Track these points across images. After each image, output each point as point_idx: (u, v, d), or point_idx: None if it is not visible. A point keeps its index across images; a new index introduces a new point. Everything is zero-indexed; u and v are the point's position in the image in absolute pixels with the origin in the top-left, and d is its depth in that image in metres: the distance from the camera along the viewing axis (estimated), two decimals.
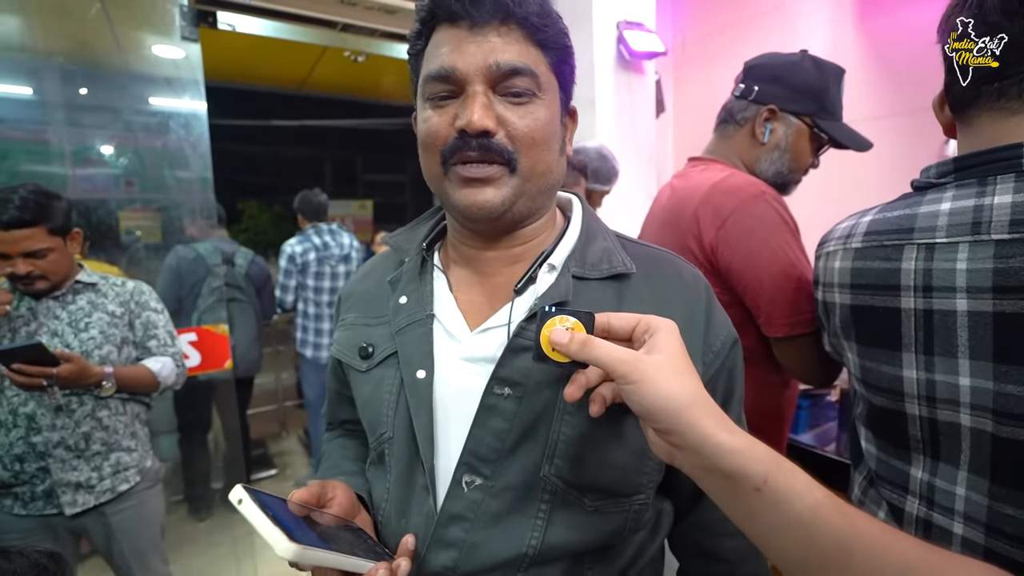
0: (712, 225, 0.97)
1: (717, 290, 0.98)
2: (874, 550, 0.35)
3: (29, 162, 1.98)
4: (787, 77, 1.04)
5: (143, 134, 1.94)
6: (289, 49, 2.21)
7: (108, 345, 1.36)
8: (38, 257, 1.25)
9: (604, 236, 0.61)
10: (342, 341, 0.65)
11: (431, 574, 0.53)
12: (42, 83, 1.93)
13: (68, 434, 1.29)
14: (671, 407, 0.39)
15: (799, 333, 0.93)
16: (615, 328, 0.45)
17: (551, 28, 0.53)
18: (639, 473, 0.55)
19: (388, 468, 0.58)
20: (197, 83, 1.89)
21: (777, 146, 1.06)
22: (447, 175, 0.53)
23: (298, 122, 5.40)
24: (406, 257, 0.63)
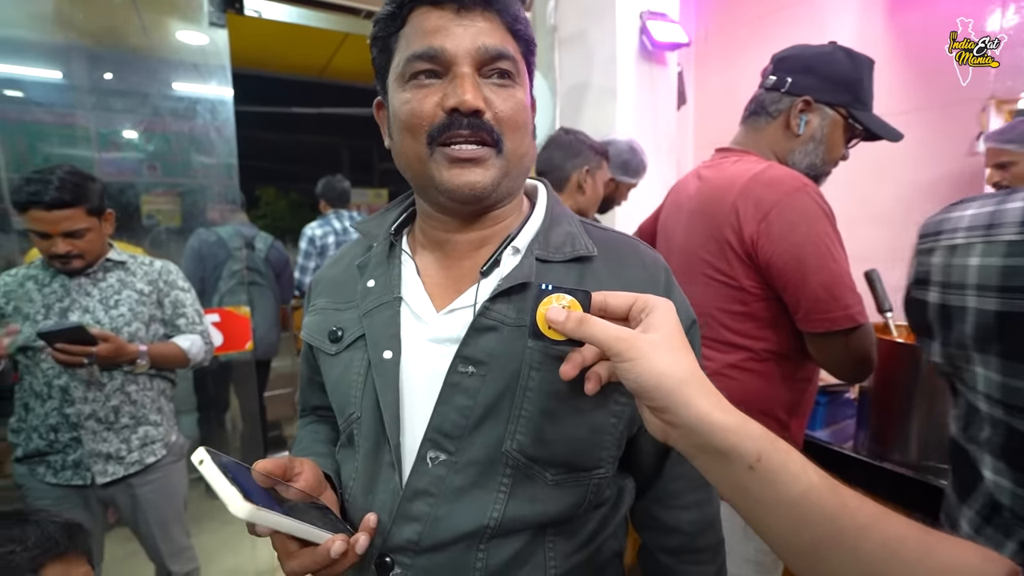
0: (753, 218, 0.96)
1: (751, 284, 0.99)
2: (866, 530, 0.35)
3: (57, 145, 2.03)
4: (821, 68, 1.04)
5: (171, 119, 1.97)
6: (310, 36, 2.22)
7: (137, 322, 1.40)
8: (76, 237, 1.29)
9: (568, 221, 0.62)
10: (312, 326, 0.66)
11: (396, 548, 0.54)
12: (71, 68, 1.97)
13: (99, 407, 1.34)
14: (665, 385, 0.39)
15: (840, 329, 0.92)
16: (611, 307, 0.45)
17: (523, 20, 0.56)
18: (599, 448, 0.56)
19: (356, 447, 0.59)
20: (224, 69, 1.91)
21: (812, 137, 1.06)
22: (432, 157, 0.53)
23: (316, 109, 5.43)
24: (374, 242, 0.64)
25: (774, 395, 1.05)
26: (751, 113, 1.12)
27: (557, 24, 2.23)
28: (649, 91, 2.11)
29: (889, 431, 1.21)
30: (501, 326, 0.55)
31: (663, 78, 2.16)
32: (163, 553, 1.54)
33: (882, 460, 1.20)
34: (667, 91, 2.19)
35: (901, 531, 0.35)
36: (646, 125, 2.11)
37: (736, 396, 1.07)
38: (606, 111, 2.06)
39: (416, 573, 0.54)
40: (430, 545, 0.54)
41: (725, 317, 1.04)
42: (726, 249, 1.00)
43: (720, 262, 1.02)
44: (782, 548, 0.38)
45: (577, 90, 2.18)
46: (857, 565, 0.35)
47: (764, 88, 1.09)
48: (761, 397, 1.05)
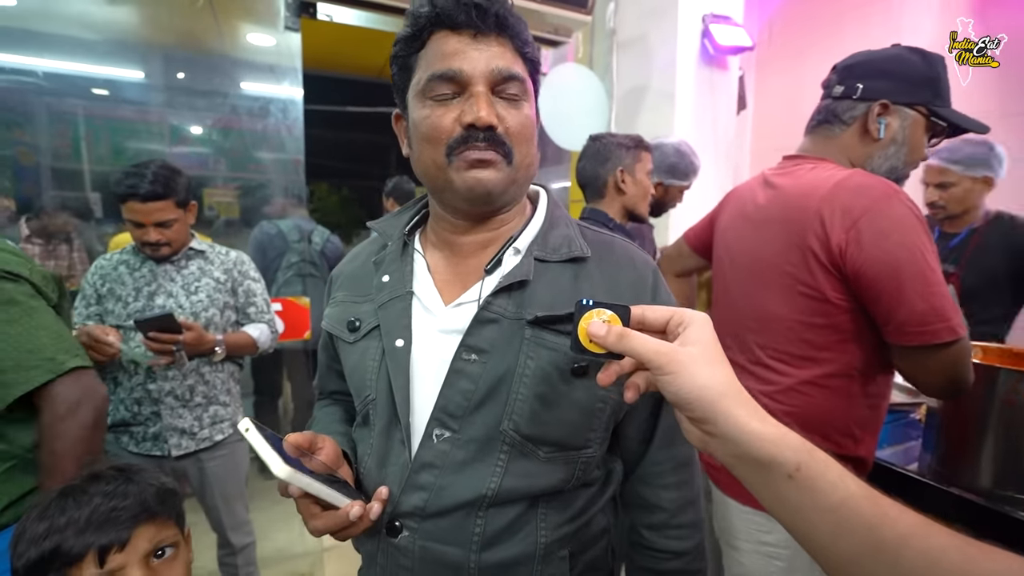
0: (841, 226, 0.92)
1: (837, 295, 0.95)
2: (906, 539, 0.35)
3: (140, 140, 2.18)
4: (894, 71, 1.00)
5: (245, 117, 2.09)
6: (372, 38, 2.30)
7: (213, 308, 1.50)
8: (166, 227, 1.40)
9: (566, 224, 0.68)
10: (332, 316, 0.73)
11: (404, 513, 0.61)
12: (152, 68, 2.11)
13: (177, 384, 1.45)
14: (705, 396, 0.41)
15: (939, 343, 0.87)
16: (649, 320, 0.47)
17: (530, 44, 0.63)
18: (587, 430, 0.63)
19: (372, 426, 0.66)
20: (296, 70, 2.02)
21: (893, 140, 1.02)
22: (451, 164, 0.59)
23: (371, 108, 5.58)
24: (389, 241, 0.71)
25: (850, 412, 1.02)
26: (820, 123, 1.08)
27: (616, 27, 2.23)
28: (709, 95, 2.08)
29: (960, 455, 1.15)
30: (501, 319, 0.61)
31: (724, 82, 2.12)
32: (225, 525, 1.64)
33: (950, 485, 1.14)
34: (727, 96, 2.15)
35: (943, 542, 0.35)
36: (704, 130, 2.08)
37: (811, 413, 1.04)
38: (664, 115, 2.04)
39: (422, 535, 0.61)
40: (435, 511, 0.60)
41: (805, 330, 1.00)
42: (809, 259, 0.96)
43: (802, 272, 0.98)
44: (822, 557, 0.39)
45: (634, 94, 2.17)
46: (895, 574, 0.35)
47: (832, 98, 1.06)
48: (837, 414, 1.01)
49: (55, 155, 2.20)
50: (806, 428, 1.00)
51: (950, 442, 1.18)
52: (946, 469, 1.18)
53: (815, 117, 1.10)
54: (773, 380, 1.04)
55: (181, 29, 2.08)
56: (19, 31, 2.00)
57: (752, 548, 1.07)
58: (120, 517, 0.67)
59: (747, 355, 1.10)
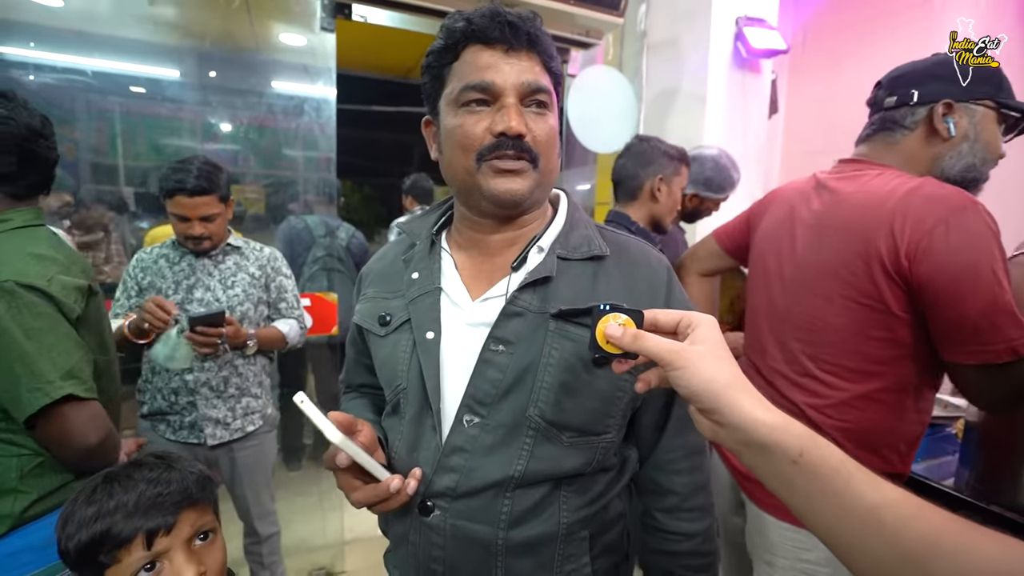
0: (912, 236, 0.89)
1: (900, 308, 0.92)
2: (907, 522, 0.37)
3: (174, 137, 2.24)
4: (946, 73, 0.98)
5: (280, 115, 2.14)
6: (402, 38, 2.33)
7: (248, 303, 1.54)
8: (209, 221, 1.45)
9: (585, 225, 0.72)
10: (364, 311, 0.77)
11: (436, 494, 0.65)
12: (188, 67, 2.17)
13: (212, 376, 1.49)
14: (712, 388, 0.44)
15: (997, 363, 0.85)
16: (661, 323, 0.51)
17: (555, 59, 0.67)
18: (607, 416, 0.67)
19: (403, 414, 0.70)
20: (330, 70, 2.05)
21: (966, 137, 0.98)
22: (480, 170, 0.63)
23: (396, 108, 5.64)
24: (417, 240, 0.75)
25: (900, 428, 0.99)
26: (880, 130, 1.05)
27: (647, 30, 2.22)
28: (740, 99, 2.05)
29: (1001, 472, 1.12)
30: (527, 312, 0.65)
31: (756, 86, 2.09)
32: (252, 514, 1.68)
33: (989, 503, 1.11)
34: (759, 99, 2.12)
35: (942, 524, 0.37)
36: (735, 134, 2.06)
37: (864, 428, 1.00)
38: (694, 119, 2.03)
39: (453, 515, 0.65)
40: (465, 491, 0.64)
41: (862, 343, 0.97)
42: (874, 268, 0.93)
43: (865, 283, 0.94)
44: (827, 538, 0.41)
45: (664, 96, 2.15)
46: (897, 554, 0.37)
47: (884, 110, 1.03)
48: (888, 430, 0.99)
49: (94, 151, 2.28)
50: (857, 444, 0.98)
51: (990, 458, 1.15)
52: (985, 486, 1.14)
53: (870, 128, 1.07)
54: (824, 394, 1.01)
55: (218, 29, 2.13)
56: (65, 32, 2.08)
57: (789, 565, 1.04)
58: (166, 502, 0.69)
59: (794, 366, 1.06)
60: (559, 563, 0.66)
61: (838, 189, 1.05)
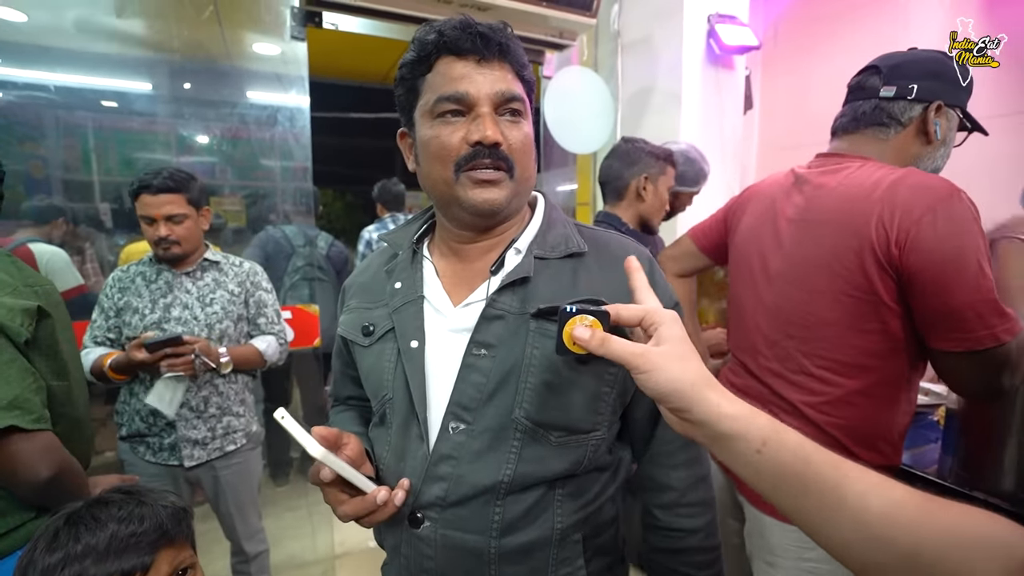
0: (901, 225, 0.89)
1: (892, 299, 0.92)
2: (866, 497, 0.39)
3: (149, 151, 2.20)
4: (942, 72, 1.01)
5: (254, 126, 2.11)
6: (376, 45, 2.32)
7: (227, 320, 1.50)
8: (175, 222, 1.41)
9: (563, 224, 0.72)
10: (347, 323, 0.76)
11: (426, 504, 0.64)
12: (160, 80, 2.13)
13: (191, 396, 1.45)
14: (679, 388, 0.45)
15: (978, 349, 0.87)
16: (624, 318, 0.52)
17: (527, 67, 0.68)
18: (595, 413, 0.66)
19: (389, 424, 0.69)
20: (302, 79, 2.03)
21: (943, 142, 1.02)
22: (458, 180, 0.63)
23: (374, 115, 5.61)
24: (399, 250, 0.75)
25: (893, 420, 1.00)
26: (873, 124, 1.04)
27: (621, 29, 2.22)
28: (715, 96, 2.07)
29: (982, 458, 1.13)
30: (507, 314, 0.65)
31: (730, 82, 2.11)
32: (239, 533, 1.64)
33: (972, 489, 1.12)
34: (734, 95, 2.14)
35: (901, 496, 0.39)
36: (711, 131, 2.07)
37: (861, 424, 0.99)
38: (670, 117, 2.03)
39: (443, 525, 0.64)
40: (455, 500, 0.63)
41: (857, 336, 0.97)
42: (866, 260, 0.93)
43: (857, 275, 0.94)
44: (796, 519, 0.43)
45: (640, 96, 2.16)
46: (859, 529, 0.39)
47: (882, 98, 1.03)
48: (884, 424, 1.00)
49: (66, 167, 2.23)
50: (855, 440, 0.99)
51: (972, 445, 1.16)
52: (968, 472, 1.16)
53: (859, 119, 1.06)
54: (820, 391, 1.01)
55: (188, 40, 2.09)
56: (30, 46, 2.03)
57: (792, 565, 1.04)
58: (141, 543, 0.66)
59: (788, 364, 1.05)
60: (553, 567, 0.65)
61: (821, 183, 1.05)
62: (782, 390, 1.06)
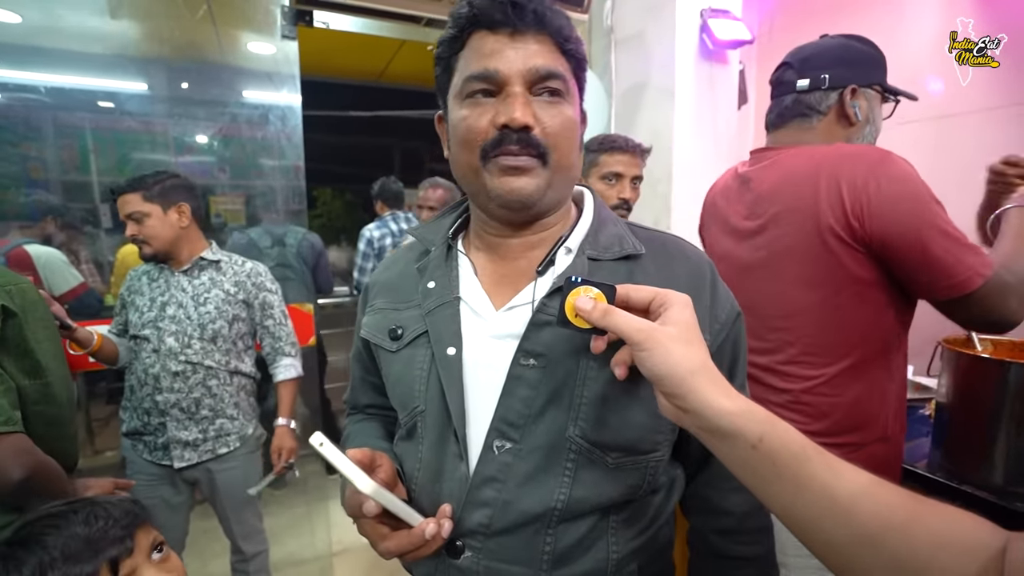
0: (852, 198, 0.91)
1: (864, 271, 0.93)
2: (858, 499, 0.39)
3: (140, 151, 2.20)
4: (850, 57, 1.05)
5: (245, 125, 2.11)
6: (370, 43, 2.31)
7: (221, 320, 1.50)
8: (137, 221, 1.42)
9: (614, 223, 0.66)
10: (372, 324, 0.70)
11: (467, 532, 0.57)
12: (155, 80, 2.13)
13: (182, 397, 1.46)
14: (677, 373, 0.43)
15: (970, 291, 0.88)
16: (633, 300, 0.49)
17: (574, 40, 0.60)
18: (656, 432, 0.59)
19: (420, 439, 0.62)
20: (294, 78, 2.03)
21: (867, 120, 1.06)
22: (486, 167, 0.57)
23: (372, 113, 5.60)
24: (431, 247, 0.68)
25: (886, 389, 1.01)
26: (796, 116, 1.09)
27: (614, 25, 2.21)
28: (709, 91, 2.06)
29: (971, 452, 1.13)
30: None
31: (724, 77, 2.10)
32: (236, 534, 1.65)
33: (962, 482, 1.13)
34: (728, 91, 2.12)
35: (892, 499, 0.38)
36: (705, 126, 2.06)
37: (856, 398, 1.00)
38: (664, 112, 2.03)
39: (486, 555, 0.57)
40: (500, 528, 0.57)
41: (835, 315, 0.98)
42: (828, 239, 0.94)
43: (822, 256, 0.96)
44: (785, 518, 0.42)
45: (634, 91, 2.15)
46: (850, 531, 0.38)
47: (797, 92, 1.08)
48: (875, 394, 1.00)
49: (63, 168, 2.23)
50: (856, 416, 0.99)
51: (960, 438, 1.16)
52: (957, 466, 1.16)
53: (783, 114, 1.11)
54: (813, 375, 1.02)
55: (181, 40, 2.09)
56: (25, 48, 2.03)
57: (803, 564, 1.03)
58: (116, 527, 0.67)
59: (777, 356, 1.06)
60: None
61: (762, 178, 1.09)
62: (776, 383, 1.07)
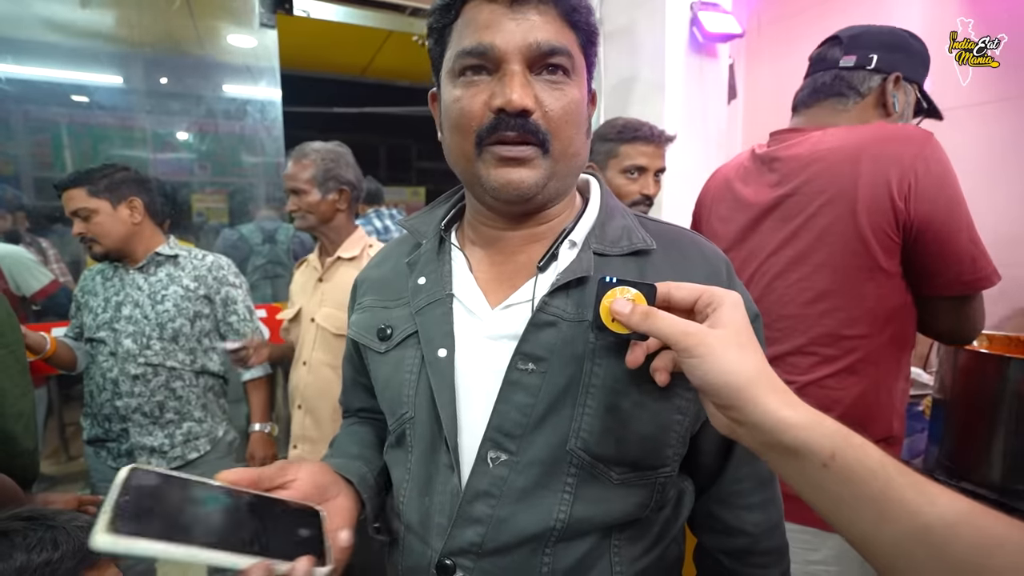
0: (901, 177, 0.86)
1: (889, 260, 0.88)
2: (956, 528, 0.33)
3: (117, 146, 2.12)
4: (903, 45, 0.99)
5: (223, 120, 2.03)
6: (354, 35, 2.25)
7: (181, 318, 1.41)
8: (83, 219, 1.32)
9: (622, 215, 0.60)
10: (359, 323, 0.65)
11: (457, 550, 0.53)
12: (131, 73, 2.05)
13: (144, 401, 1.37)
14: (733, 383, 0.38)
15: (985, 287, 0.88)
16: (676, 299, 0.44)
17: (582, 8, 0.53)
18: (665, 445, 0.54)
19: (409, 448, 0.58)
20: (273, 70, 1.96)
21: (901, 115, 1.01)
22: (480, 156, 0.52)
23: (357, 109, 5.51)
24: (423, 240, 0.63)
25: (894, 387, 0.97)
26: (834, 94, 1.01)
27: (603, 18, 2.18)
28: (698, 85, 2.03)
29: (969, 449, 1.11)
30: (560, 321, 0.53)
31: (714, 71, 2.08)
32: None
33: (960, 480, 1.11)
34: (717, 85, 2.10)
35: (1000, 531, 0.32)
36: (695, 120, 2.04)
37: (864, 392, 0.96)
38: (653, 106, 1.99)
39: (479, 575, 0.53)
40: (493, 548, 0.52)
41: (854, 304, 0.93)
42: (862, 223, 0.89)
43: (852, 242, 0.91)
44: (864, 547, 0.37)
45: (623, 86, 2.12)
46: (944, 567, 0.33)
47: (841, 68, 1.00)
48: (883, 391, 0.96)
49: (35, 164, 2.15)
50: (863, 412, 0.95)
51: (958, 435, 1.14)
52: (954, 463, 1.14)
53: (819, 90, 1.03)
54: (822, 367, 0.97)
55: (158, 31, 2.01)
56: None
57: (798, 568, 1.01)
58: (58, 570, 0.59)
59: (781, 345, 1.01)
60: None
61: (792, 155, 1.00)
62: (784, 375, 1.02)
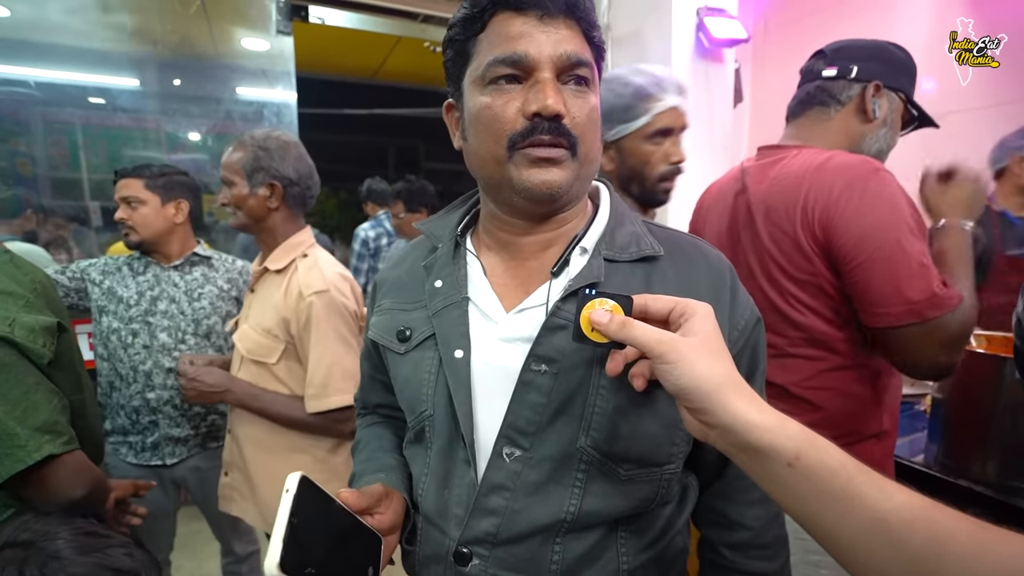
0: (823, 207, 0.91)
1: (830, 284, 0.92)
2: (912, 524, 0.35)
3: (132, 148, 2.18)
4: (883, 56, 1.04)
5: (240, 122, 2.09)
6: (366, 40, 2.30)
7: (215, 316, 1.49)
8: (130, 206, 1.41)
9: (631, 221, 0.63)
10: (379, 325, 0.68)
11: (473, 540, 0.56)
12: (148, 76, 2.11)
13: (175, 394, 1.43)
14: (703, 387, 0.41)
15: (897, 325, 0.87)
16: (652, 310, 0.47)
17: (599, 28, 0.58)
18: (670, 444, 0.57)
19: (428, 444, 0.62)
20: (289, 74, 2.01)
21: (884, 122, 1.04)
22: (512, 159, 0.55)
23: (368, 111, 5.58)
24: (439, 243, 0.66)
25: (879, 384, 1.00)
26: (816, 104, 1.08)
27: (610, 23, 2.22)
28: (704, 90, 2.06)
29: (967, 446, 1.14)
30: (571, 325, 0.56)
31: (719, 76, 2.11)
32: (228, 534, 1.63)
33: (957, 477, 1.13)
34: (723, 89, 2.13)
35: (952, 525, 0.35)
36: (701, 125, 2.07)
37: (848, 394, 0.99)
38: None
39: (493, 564, 0.56)
40: (507, 538, 0.56)
41: (815, 317, 0.98)
42: (803, 244, 0.95)
43: (799, 259, 0.96)
44: (827, 542, 0.39)
45: None
46: (902, 558, 0.35)
47: (823, 79, 1.06)
48: (867, 390, 0.99)
49: (52, 165, 2.21)
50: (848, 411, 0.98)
51: (956, 433, 1.17)
52: (953, 461, 1.16)
53: (805, 100, 1.10)
54: (803, 368, 1.01)
55: (175, 36, 2.07)
56: (14, 42, 2.00)
57: (797, 559, 1.04)
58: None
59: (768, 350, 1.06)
60: None
61: (762, 176, 1.07)
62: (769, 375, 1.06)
